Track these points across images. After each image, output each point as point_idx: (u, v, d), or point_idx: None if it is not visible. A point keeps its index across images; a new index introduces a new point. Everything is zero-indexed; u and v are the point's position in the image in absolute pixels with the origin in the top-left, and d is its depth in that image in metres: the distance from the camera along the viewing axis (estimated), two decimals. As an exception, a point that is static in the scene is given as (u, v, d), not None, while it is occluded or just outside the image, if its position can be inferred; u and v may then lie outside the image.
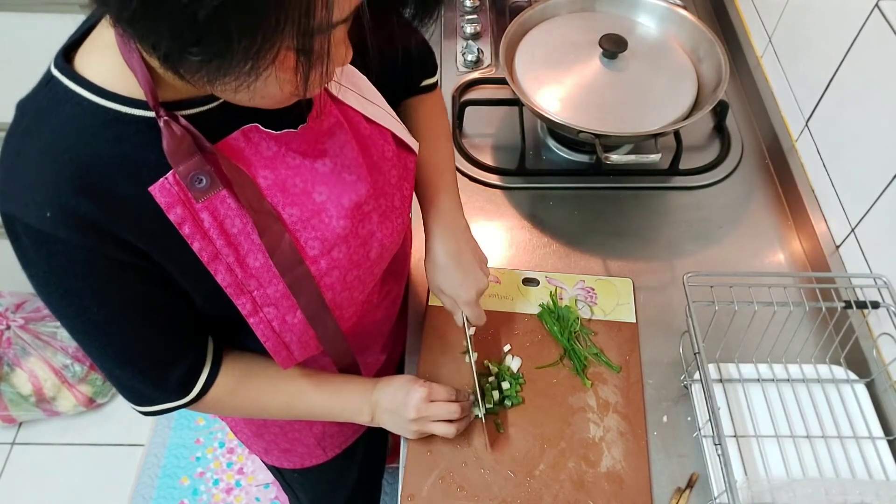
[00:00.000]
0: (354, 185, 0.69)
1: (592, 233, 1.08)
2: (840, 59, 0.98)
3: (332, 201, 0.67)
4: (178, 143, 0.56)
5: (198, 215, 0.59)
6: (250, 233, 0.62)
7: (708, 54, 1.13)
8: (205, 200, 0.59)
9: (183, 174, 0.57)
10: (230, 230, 0.61)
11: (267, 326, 0.67)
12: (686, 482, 0.83)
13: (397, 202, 0.77)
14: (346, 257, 0.69)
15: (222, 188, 0.59)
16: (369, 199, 0.70)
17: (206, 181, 0.58)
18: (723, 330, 0.88)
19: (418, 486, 0.82)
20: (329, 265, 0.68)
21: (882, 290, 0.84)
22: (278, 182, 0.63)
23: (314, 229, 0.66)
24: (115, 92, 0.56)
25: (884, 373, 0.87)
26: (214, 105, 0.60)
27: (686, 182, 1.14)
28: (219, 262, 0.62)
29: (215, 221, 0.60)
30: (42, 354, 1.81)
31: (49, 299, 0.62)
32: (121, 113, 0.56)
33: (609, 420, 0.87)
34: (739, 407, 0.87)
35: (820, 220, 1.03)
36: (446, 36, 1.39)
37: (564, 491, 0.82)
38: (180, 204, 0.58)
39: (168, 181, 0.57)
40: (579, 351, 0.92)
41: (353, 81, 0.73)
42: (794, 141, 1.13)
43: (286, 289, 0.65)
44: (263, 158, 0.63)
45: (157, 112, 0.55)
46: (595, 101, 1.08)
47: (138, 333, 0.66)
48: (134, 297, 0.63)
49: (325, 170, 0.67)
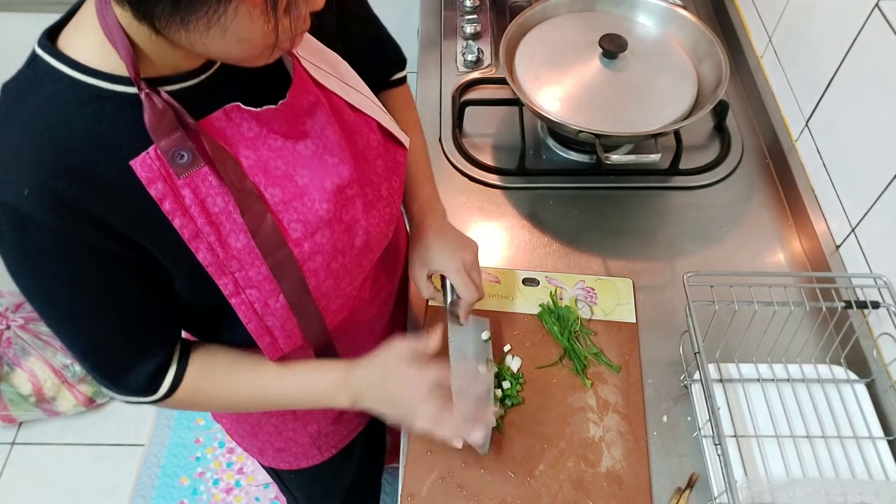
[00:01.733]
0: (337, 167, 0.68)
1: (592, 233, 1.08)
2: (840, 59, 0.98)
3: (314, 184, 0.67)
4: (160, 117, 0.55)
5: (179, 192, 0.59)
6: (232, 212, 0.61)
7: (708, 54, 1.13)
8: (186, 177, 0.58)
9: (164, 149, 0.56)
10: (212, 209, 0.61)
11: (249, 308, 0.66)
12: (686, 482, 0.83)
13: (384, 192, 0.76)
14: (329, 242, 0.69)
15: (204, 165, 0.59)
16: (352, 183, 0.70)
17: (187, 157, 0.58)
18: (723, 330, 0.88)
19: (418, 486, 0.82)
20: (312, 249, 0.67)
21: (882, 290, 0.84)
22: (260, 163, 0.63)
23: (296, 211, 0.66)
24: (96, 68, 0.56)
25: (884, 373, 0.87)
26: (195, 82, 0.60)
27: (686, 182, 1.14)
28: (200, 241, 0.61)
29: (197, 199, 0.59)
30: (42, 354, 1.81)
31: (21, 282, 0.61)
32: (101, 89, 0.56)
33: (609, 420, 0.87)
34: (739, 407, 0.87)
35: (820, 220, 1.03)
36: (446, 36, 1.39)
37: (564, 491, 0.82)
38: (161, 179, 0.57)
39: (149, 156, 0.57)
40: (579, 351, 0.92)
41: (336, 68, 0.73)
42: (794, 141, 1.13)
43: (269, 271, 0.65)
44: (245, 139, 0.63)
45: (137, 85, 0.55)
46: (595, 101, 1.08)
47: (107, 328, 0.65)
48: (107, 288, 0.63)
49: (307, 152, 0.67)
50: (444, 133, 1.21)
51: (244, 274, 0.64)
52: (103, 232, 0.58)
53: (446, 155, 1.18)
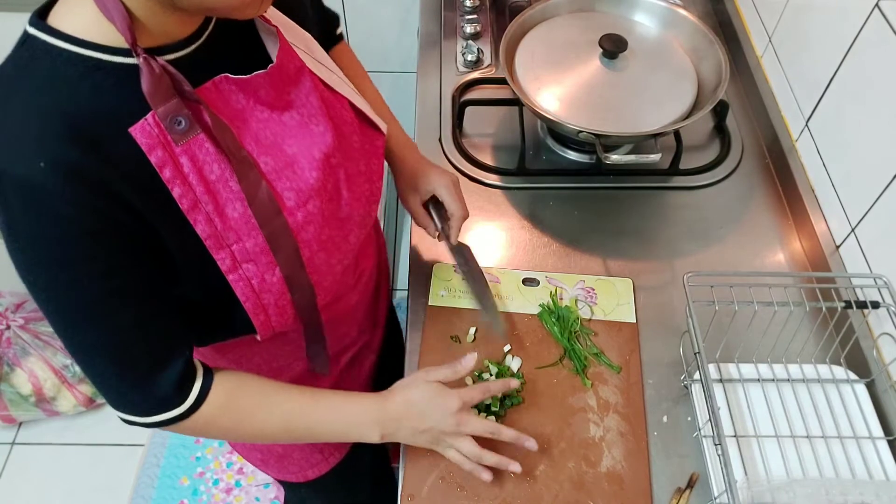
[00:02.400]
0: (322, 136, 0.69)
1: (592, 233, 1.08)
2: (840, 59, 0.98)
3: (302, 153, 0.68)
4: (157, 83, 0.56)
5: (177, 159, 0.59)
6: (228, 179, 0.61)
7: (708, 54, 1.13)
8: (184, 144, 0.58)
9: (162, 116, 0.57)
10: (209, 176, 0.61)
11: (246, 284, 0.66)
12: (686, 482, 0.83)
13: (363, 167, 0.77)
14: (319, 211, 0.69)
15: (201, 132, 0.59)
16: (335, 151, 0.71)
17: (185, 124, 0.58)
18: (723, 330, 0.88)
19: (418, 486, 0.82)
20: (305, 218, 0.68)
21: (882, 290, 0.84)
22: (250, 133, 0.64)
23: (288, 179, 0.66)
24: (92, 41, 0.56)
25: (884, 373, 0.87)
26: (189, 51, 0.61)
27: (686, 182, 1.14)
28: (198, 212, 0.61)
29: (194, 167, 0.60)
30: (42, 354, 1.81)
31: (35, 276, 0.59)
32: (100, 61, 0.56)
33: (609, 420, 0.87)
34: (739, 407, 0.87)
35: (820, 220, 1.03)
36: (446, 36, 1.39)
37: (564, 491, 0.82)
38: (160, 146, 0.57)
39: (148, 122, 0.57)
40: (579, 351, 0.92)
41: (309, 46, 0.74)
42: (794, 141, 1.13)
43: (265, 243, 0.65)
44: (234, 110, 0.63)
45: (135, 50, 0.55)
46: (595, 101, 1.08)
47: (132, 315, 0.63)
48: (128, 271, 0.61)
49: (293, 122, 0.68)
50: (444, 133, 1.21)
51: (241, 246, 0.64)
52: (118, 203, 0.58)
53: (446, 155, 1.18)
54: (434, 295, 0.99)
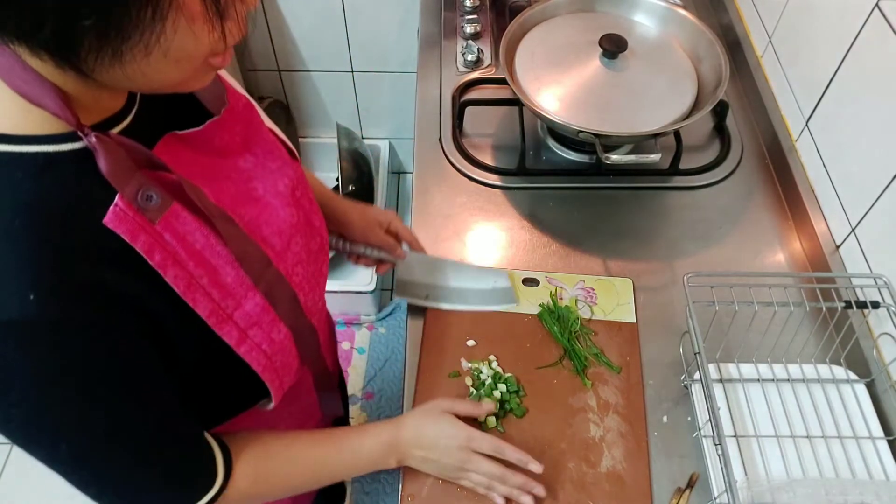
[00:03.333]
0: (282, 169, 0.67)
1: (592, 233, 1.08)
2: (840, 59, 0.98)
3: (271, 193, 0.64)
4: (116, 160, 0.49)
5: (162, 238, 0.52)
6: (214, 245, 0.56)
7: (708, 54, 1.13)
8: (161, 220, 0.52)
9: (131, 195, 0.50)
10: (195, 247, 0.54)
11: (259, 352, 0.61)
12: (686, 482, 0.83)
13: (310, 194, 0.74)
14: (303, 249, 0.67)
15: (173, 201, 0.53)
16: (299, 183, 0.69)
17: (156, 198, 0.51)
18: (723, 330, 0.88)
19: (418, 487, 0.82)
20: (293, 260, 0.65)
21: (882, 290, 0.84)
22: (215, 187, 0.59)
23: (267, 225, 0.62)
24: (28, 134, 0.48)
25: (884, 373, 0.87)
26: (129, 120, 0.55)
27: (686, 182, 1.14)
28: (196, 290, 0.54)
29: (180, 242, 0.53)
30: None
31: (37, 425, 0.50)
32: (49, 154, 0.48)
33: (609, 420, 0.87)
34: (739, 407, 0.87)
35: (820, 220, 1.03)
36: (446, 36, 1.39)
37: (565, 491, 0.82)
38: (141, 230, 0.50)
39: (119, 207, 0.49)
40: (579, 351, 0.92)
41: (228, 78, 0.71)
42: (794, 141, 1.13)
43: (263, 300, 0.60)
44: (192, 168, 0.58)
45: (82, 131, 0.48)
46: (595, 101, 1.08)
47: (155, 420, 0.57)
48: (144, 375, 0.55)
49: (250, 164, 0.64)
50: (444, 133, 1.21)
51: (242, 311, 0.59)
52: (121, 305, 0.51)
53: (446, 155, 1.18)
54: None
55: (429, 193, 1.13)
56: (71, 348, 0.48)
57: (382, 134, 2.25)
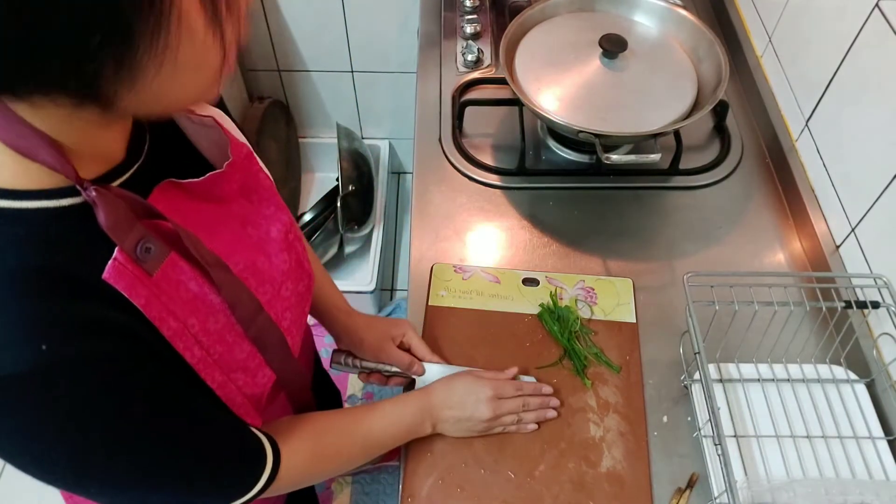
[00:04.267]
0: (276, 214, 0.67)
1: (592, 233, 1.08)
2: (840, 59, 0.98)
3: (264, 240, 0.65)
4: (115, 213, 0.49)
5: (158, 288, 0.52)
6: (208, 293, 0.56)
7: (708, 54, 1.13)
8: (158, 271, 0.52)
9: (129, 248, 0.49)
10: (189, 294, 0.54)
11: (241, 396, 0.62)
12: (686, 482, 0.83)
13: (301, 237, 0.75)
14: (293, 294, 0.67)
15: (170, 251, 0.53)
16: (291, 226, 0.69)
17: (153, 249, 0.51)
18: (723, 330, 0.88)
19: (418, 487, 0.82)
20: (283, 305, 0.65)
21: (882, 290, 0.84)
22: (211, 234, 0.58)
23: (259, 272, 0.62)
24: (27, 189, 0.47)
25: (884, 373, 0.87)
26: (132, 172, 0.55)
27: (686, 182, 1.14)
28: (187, 338, 0.54)
29: (175, 292, 0.53)
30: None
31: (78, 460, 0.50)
32: (50, 209, 0.48)
33: (609, 420, 0.87)
34: (739, 407, 0.87)
35: (820, 220, 1.03)
36: (446, 36, 1.39)
37: (565, 491, 0.82)
38: (140, 283, 0.50)
39: (118, 261, 0.49)
40: (579, 351, 0.92)
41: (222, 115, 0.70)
42: (794, 141, 1.13)
43: (252, 346, 0.61)
44: (186, 216, 0.57)
45: (81, 185, 0.48)
46: (595, 101, 1.08)
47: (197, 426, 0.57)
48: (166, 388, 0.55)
49: (245, 211, 0.64)
50: (443, 133, 1.21)
51: (230, 357, 0.59)
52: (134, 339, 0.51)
53: (446, 155, 1.18)
54: (434, 295, 0.99)
55: (429, 193, 1.13)
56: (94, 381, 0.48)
57: (382, 134, 2.25)
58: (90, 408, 0.48)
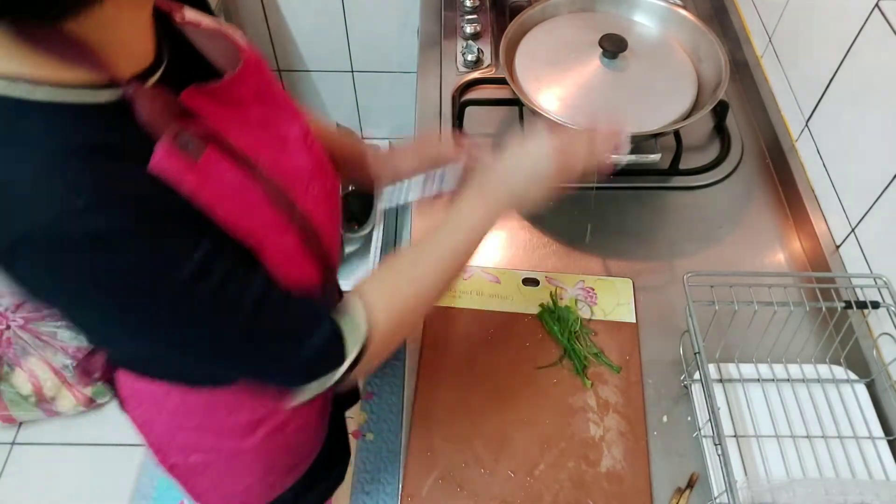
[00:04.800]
0: (293, 118, 0.69)
1: (592, 233, 1.08)
2: (840, 59, 0.98)
3: (286, 141, 0.67)
4: (153, 107, 0.51)
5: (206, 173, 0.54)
6: (249, 186, 0.58)
7: (708, 54, 1.13)
8: (202, 158, 0.54)
9: (170, 138, 0.52)
10: (231, 186, 0.57)
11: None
12: (686, 482, 0.83)
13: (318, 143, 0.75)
14: (322, 192, 0.68)
15: (207, 145, 0.55)
16: (307, 130, 0.70)
17: (191, 142, 0.54)
18: (723, 330, 0.88)
19: (418, 486, 0.82)
20: (313, 202, 0.66)
21: (882, 290, 0.84)
22: (236, 137, 0.60)
23: (286, 171, 0.64)
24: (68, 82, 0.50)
25: (884, 373, 0.87)
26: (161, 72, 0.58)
27: (686, 182, 1.14)
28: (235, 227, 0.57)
29: (220, 182, 0.56)
30: (42, 354, 1.81)
31: (152, 284, 0.52)
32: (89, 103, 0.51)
33: (609, 420, 0.87)
34: (739, 407, 0.87)
35: (820, 220, 1.03)
36: (446, 36, 1.39)
37: (564, 491, 0.82)
38: (187, 169, 0.52)
39: (165, 148, 0.51)
40: (579, 351, 0.92)
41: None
42: (794, 141, 1.13)
43: (297, 237, 0.62)
44: (214, 118, 0.60)
45: (119, 82, 0.51)
46: (595, 101, 1.08)
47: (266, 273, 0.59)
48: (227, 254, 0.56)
49: (262, 114, 0.66)
50: (444, 133, 1.21)
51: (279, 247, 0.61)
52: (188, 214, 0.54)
53: (446, 155, 1.18)
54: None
55: (429, 193, 1.13)
56: (154, 225, 0.51)
57: (382, 134, 2.25)
58: (144, 249, 0.50)
